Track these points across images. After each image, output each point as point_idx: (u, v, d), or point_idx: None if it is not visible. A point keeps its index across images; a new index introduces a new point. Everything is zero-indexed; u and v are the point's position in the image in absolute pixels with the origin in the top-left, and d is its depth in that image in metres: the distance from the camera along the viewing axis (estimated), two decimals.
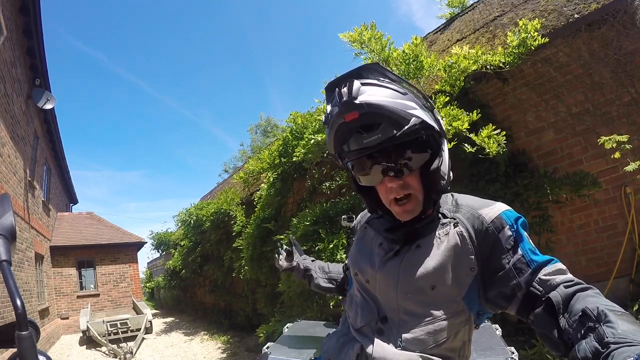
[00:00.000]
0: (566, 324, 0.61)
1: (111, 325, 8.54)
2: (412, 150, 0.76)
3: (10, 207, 0.62)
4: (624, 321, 0.53)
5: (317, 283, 1.28)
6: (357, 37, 3.88)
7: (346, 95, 0.71)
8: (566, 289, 0.67)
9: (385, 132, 0.72)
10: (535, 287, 0.71)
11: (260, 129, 25.36)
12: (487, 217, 0.79)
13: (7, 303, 5.29)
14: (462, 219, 0.81)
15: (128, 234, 13.06)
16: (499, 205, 0.81)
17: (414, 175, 0.78)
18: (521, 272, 0.73)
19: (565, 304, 0.64)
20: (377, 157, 0.76)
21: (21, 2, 6.14)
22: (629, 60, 3.45)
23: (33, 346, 0.54)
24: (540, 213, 3.77)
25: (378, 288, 0.85)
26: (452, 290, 0.78)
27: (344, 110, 0.72)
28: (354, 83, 0.71)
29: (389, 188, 0.77)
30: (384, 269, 0.84)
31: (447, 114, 3.26)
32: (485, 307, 0.81)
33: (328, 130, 0.78)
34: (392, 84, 0.75)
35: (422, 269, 0.79)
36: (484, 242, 0.78)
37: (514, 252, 0.75)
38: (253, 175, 5.63)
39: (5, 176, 5.93)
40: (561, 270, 0.72)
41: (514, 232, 0.76)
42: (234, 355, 6.40)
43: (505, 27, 4.32)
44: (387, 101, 0.71)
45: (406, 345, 0.78)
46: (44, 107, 7.83)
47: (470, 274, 0.78)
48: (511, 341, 2.48)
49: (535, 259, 0.73)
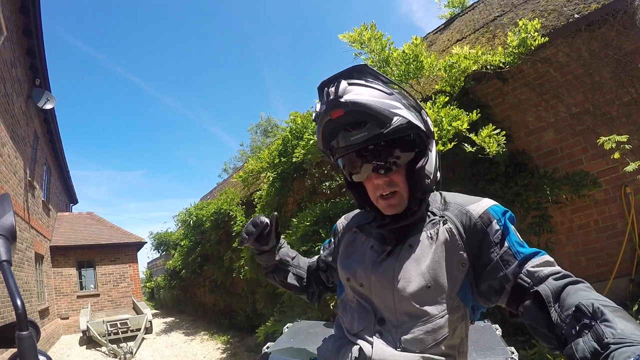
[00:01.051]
0: (558, 318, 0.61)
1: (111, 325, 8.54)
2: (401, 149, 0.79)
3: (11, 207, 0.62)
4: (621, 319, 0.53)
5: (284, 279, 1.14)
6: (357, 37, 3.88)
7: (333, 94, 0.75)
8: (556, 282, 0.67)
9: (371, 130, 0.75)
10: (523, 279, 0.72)
11: (261, 129, 25.37)
12: (475, 212, 0.81)
13: (7, 303, 5.29)
14: (451, 216, 0.83)
15: (128, 234, 13.07)
16: (486, 200, 0.84)
17: (400, 174, 0.81)
18: (508, 264, 0.75)
19: (556, 297, 0.64)
20: (367, 155, 0.79)
21: (21, 2, 6.14)
22: (629, 60, 3.45)
23: (33, 346, 0.54)
24: (540, 213, 3.77)
25: (373, 291, 0.84)
26: (447, 287, 0.79)
27: (330, 108, 0.76)
28: (341, 83, 0.75)
29: (376, 185, 0.81)
30: (378, 270, 0.84)
31: (447, 114, 3.25)
32: (479, 301, 0.83)
33: (317, 126, 0.82)
34: (379, 84, 0.79)
35: (417, 269, 0.80)
36: (473, 238, 0.80)
37: (501, 245, 0.77)
38: (253, 175, 5.63)
39: (5, 176, 5.93)
40: (549, 262, 0.73)
41: (501, 226, 0.78)
42: (234, 355, 6.40)
43: (505, 27, 4.33)
44: (372, 100, 0.75)
45: (406, 345, 0.78)
46: (44, 107, 7.83)
47: (462, 270, 0.80)
48: (511, 341, 2.48)
49: (521, 251, 0.75)
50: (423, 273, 0.79)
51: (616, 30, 3.44)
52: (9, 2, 5.77)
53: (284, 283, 1.14)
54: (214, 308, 10.68)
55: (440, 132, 3.18)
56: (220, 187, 12.87)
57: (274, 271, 1.14)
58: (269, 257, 1.11)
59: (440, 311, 0.78)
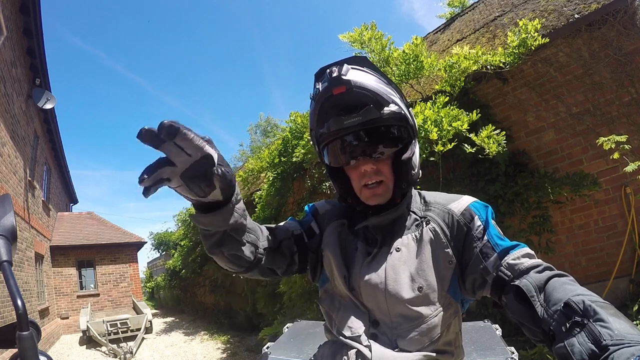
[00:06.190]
0: (545, 313, 0.61)
1: (111, 325, 8.54)
2: (385, 145, 0.79)
3: (11, 207, 0.62)
4: (615, 317, 0.53)
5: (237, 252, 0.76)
6: (358, 37, 3.89)
7: (336, 73, 0.75)
8: (538, 275, 0.67)
9: (365, 114, 0.75)
10: (503, 272, 0.72)
11: (260, 129, 25.37)
12: (457, 210, 0.83)
13: (7, 303, 5.29)
14: (433, 216, 0.84)
15: (128, 234, 13.06)
16: (466, 198, 0.85)
17: (387, 164, 0.81)
18: (487, 257, 0.76)
19: (540, 291, 0.64)
20: (350, 149, 0.79)
21: (21, 1, 6.14)
22: (629, 60, 3.45)
23: (34, 346, 0.54)
24: (540, 213, 3.77)
25: (364, 295, 0.83)
26: (438, 287, 0.80)
27: (332, 84, 0.75)
28: (344, 65, 0.76)
29: (363, 172, 0.79)
30: (366, 275, 0.82)
31: (447, 114, 3.25)
32: (466, 295, 0.83)
33: (313, 104, 0.81)
34: (377, 74, 0.80)
35: (406, 272, 0.80)
36: (457, 235, 0.81)
37: (482, 239, 0.78)
38: (253, 175, 5.63)
39: (5, 176, 5.93)
40: (528, 254, 0.73)
41: (483, 221, 0.79)
42: (234, 355, 6.40)
43: (505, 27, 4.33)
44: (373, 84, 0.76)
45: (402, 347, 0.78)
46: (44, 106, 7.83)
47: (450, 267, 0.80)
48: (511, 341, 2.48)
49: (500, 244, 0.76)
50: (413, 275, 0.80)
51: (616, 30, 3.44)
52: (9, 2, 5.76)
53: (234, 260, 0.77)
54: (214, 308, 10.68)
55: (440, 132, 3.18)
56: None
57: (221, 243, 0.73)
58: (219, 218, 0.67)
59: (434, 310, 0.78)
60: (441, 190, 0.94)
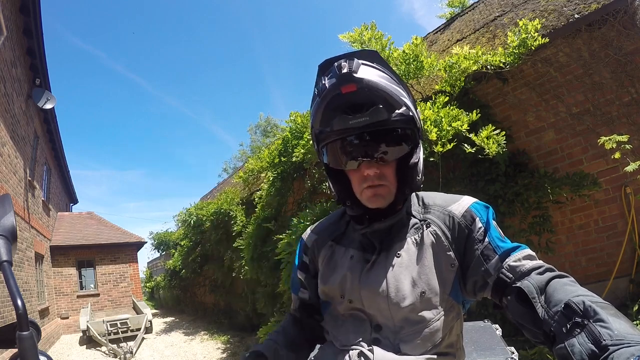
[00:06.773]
0: (545, 315, 0.61)
1: (111, 325, 8.55)
2: (387, 144, 0.75)
3: (12, 207, 0.62)
4: (615, 317, 0.52)
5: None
6: (358, 38, 3.88)
7: (346, 68, 0.70)
8: (539, 276, 0.67)
9: (373, 115, 0.71)
10: (505, 274, 0.72)
11: (260, 129, 25.39)
12: (457, 212, 0.80)
13: (7, 303, 5.30)
14: (433, 219, 0.82)
15: (128, 234, 13.07)
16: (466, 198, 0.83)
17: (390, 168, 0.78)
18: (488, 259, 0.74)
19: (541, 292, 0.64)
20: (352, 151, 0.76)
21: (21, 1, 6.14)
22: (629, 60, 3.46)
23: (34, 346, 0.54)
24: (540, 213, 3.77)
25: (365, 304, 0.82)
26: (440, 290, 0.79)
27: (342, 82, 0.71)
28: (354, 60, 0.71)
29: (365, 176, 0.76)
30: (366, 283, 0.81)
31: (446, 114, 3.25)
32: (467, 296, 0.83)
33: (319, 101, 0.75)
34: (388, 71, 0.76)
35: (408, 277, 0.79)
36: (458, 238, 0.79)
37: (483, 241, 0.76)
38: (253, 175, 5.63)
39: (5, 176, 5.93)
40: (530, 256, 0.73)
41: (484, 223, 0.78)
42: (234, 355, 6.41)
43: (505, 27, 4.33)
44: (385, 83, 0.72)
45: (405, 350, 0.77)
46: (44, 106, 7.84)
47: (452, 270, 0.79)
48: (511, 341, 2.48)
49: (501, 246, 0.75)
50: (415, 280, 0.78)
51: (616, 30, 3.44)
52: (9, 2, 5.77)
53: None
54: (214, 308, 10.69)
55: (440, 132, 3.17)
56: (220, 187, 12.87)
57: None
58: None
59: (436, 314, 0.78)
60: (441, 190, 0.92)
